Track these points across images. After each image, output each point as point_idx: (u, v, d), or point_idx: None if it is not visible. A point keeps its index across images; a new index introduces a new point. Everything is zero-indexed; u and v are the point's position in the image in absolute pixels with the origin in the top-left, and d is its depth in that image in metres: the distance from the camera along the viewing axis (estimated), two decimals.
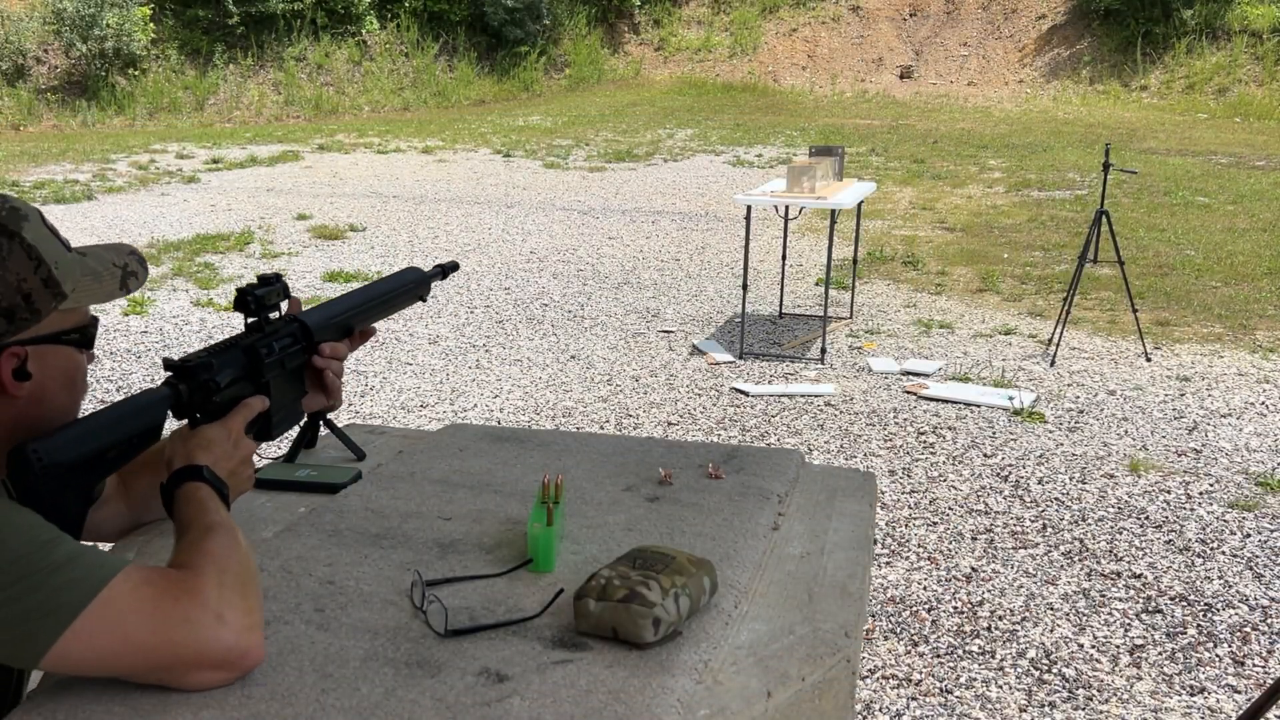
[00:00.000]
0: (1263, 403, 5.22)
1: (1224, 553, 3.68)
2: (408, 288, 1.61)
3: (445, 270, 1.68)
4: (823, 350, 5.88)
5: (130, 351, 5.97)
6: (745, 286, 6.14)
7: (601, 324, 6.62)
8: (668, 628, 1.08)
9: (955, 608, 3.31)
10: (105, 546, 1.31)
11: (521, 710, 0.97)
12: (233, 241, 8.96)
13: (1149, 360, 5.87)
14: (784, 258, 7.12)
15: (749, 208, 6.15)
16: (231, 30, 20.49)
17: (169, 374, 1.24)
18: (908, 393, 5.33)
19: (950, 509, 4.02)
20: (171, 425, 1.30)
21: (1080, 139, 15.58)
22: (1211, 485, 4.25)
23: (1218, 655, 3.05)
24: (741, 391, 5.36)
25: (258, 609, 1.05)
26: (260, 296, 1.33)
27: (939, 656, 3.03)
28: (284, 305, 1.41)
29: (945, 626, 3.19)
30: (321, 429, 1.75)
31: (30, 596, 0.96)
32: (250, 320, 1.36)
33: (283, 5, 20.48)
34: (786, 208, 6.49)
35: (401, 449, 1.73)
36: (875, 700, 2.83)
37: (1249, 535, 3.82)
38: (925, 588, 3.43)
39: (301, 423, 1.46)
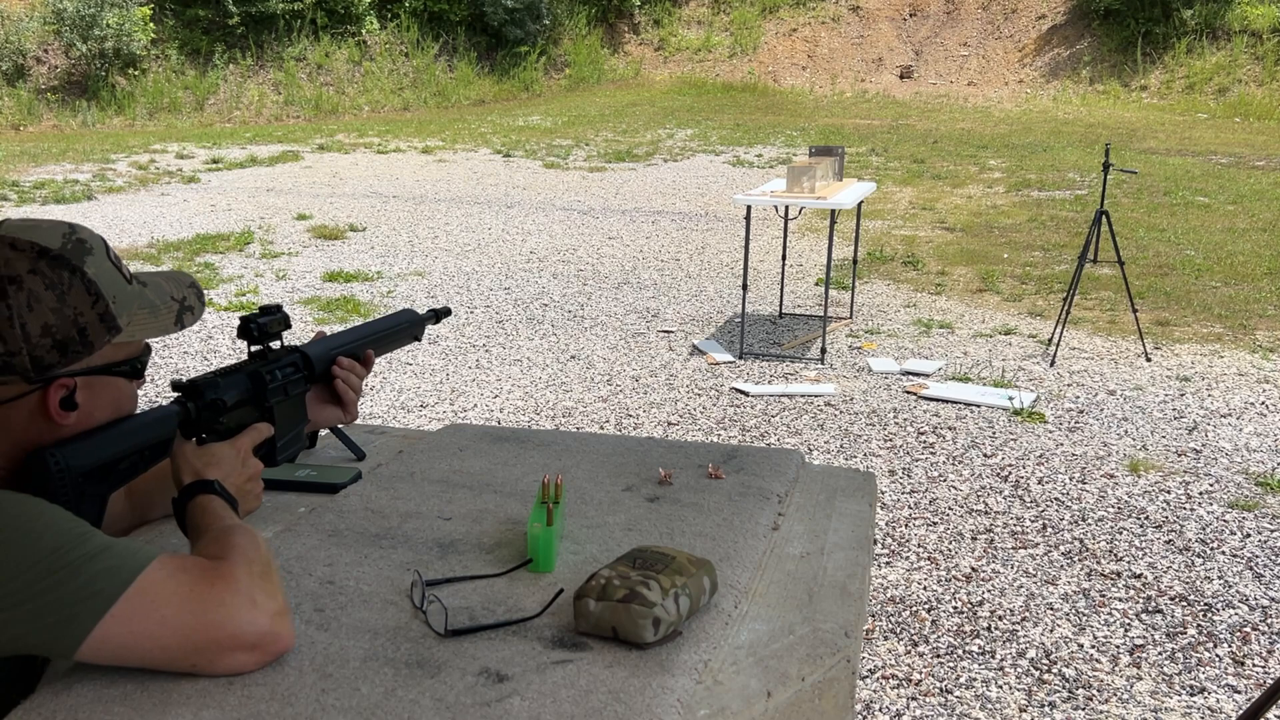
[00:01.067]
0: (1263, 403, 5.22)
1: (1224, 553, 3.68)
2: (403, 327, 1.70)
3: (438, 315, 1.79)
4: (823, 350, 5.88)
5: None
6: (745, 286, 6.14)
7: (601, 324, 6.62)
8: (668, 628, 1.08)
9: (955, 608, 3.31)
10: None
11: (521, 710, 0.97)
12: (233, 241, 8.96)
13: (1149, 360, 5.87)
14: (784, 258, 7.12)
15: (749, 208, 6.15)
16: (231, 30, 20.49)
17: (177, 394, 1.28)
18: (908, 393, 5.33)
19: (950, 509, 4.02)
20: None
21: (1080, 139, 15.58)
22: (1211, 485, 4.25)
23: (1218, 655, 3.05)
24: (741, 391, 5.36)
25: (284, 596, 1.09)
26: (263, 325, 1.38)
27: (939, 656, 3.03)
28: (285, 335, 1.47)
29: (945, 626, 3.19)
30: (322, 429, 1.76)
31: (69, 583, 0.98)
32: (254, 348, 1.42)
33: (283, 5, 20.48)
34: (786, 208, 6.49)
35: (401, 449, 1.73)
36: (875, 700, 2.83)
37: (1249, 535, 3.82)
38: (925, 588, 3.43)
39: (305, 449, 1.50)
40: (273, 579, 1.09)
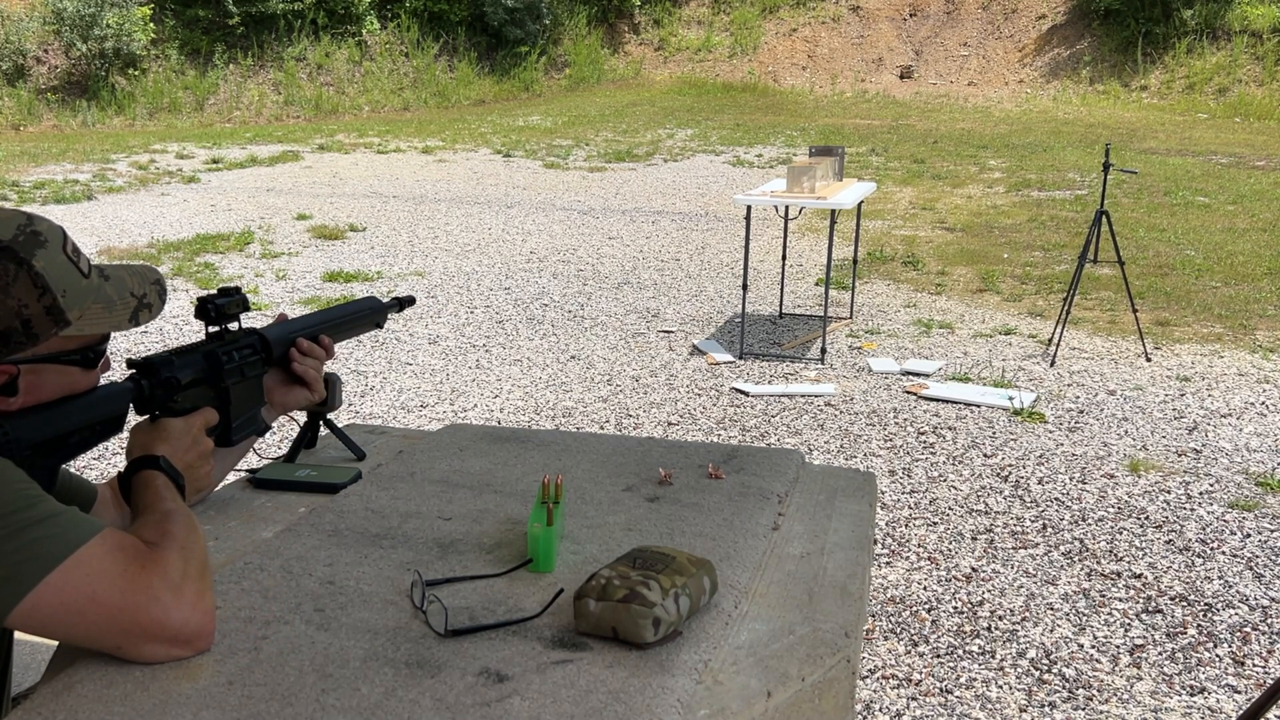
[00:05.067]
0: (1263, 403, 5.22)
1: (1224, 553, 3.68)
2: (365, 314, 1.70)
3: (402, 304, 1.78)
4: (823, 350, 5.88)
5: (130, 352, 5.97)
6: (745, 286, 6.14)
7: (601, 324, 6.62)
8: (668, 628, 1.08)
9: (955, 608, 3.31)
10: None
11: (521, 710, 0.97)
12: (233, 241, 8.96)
13: (1149, 360, 5.87)
14: (784, 258, 7.12)
15: (749, 208, 6.15)
16: (231, 30, 20.49)
17: (132, 370, 1.28)
18: (908, 393, 5.33)
19: (950, 509, 4.02)
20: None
21: (1080, 139, 15.58)
22: (1211, 485, 4.25)
23: (1218, 655, 3.05)
24: (741, 391, 5.36)
25: (212, 594, 1.09)
26: (220, 306, 1.38)
27: (939, 656, 3.03)
28: (243, 318, 1.47)
29: (945, 626, 3.19)
30: (321, 429, 1.76)
31: (10, 543, 0.99)
32: (211, 329, 1.42)
33: (283, 5, 20.48)
34: (786, 208, 6.49)
35: (401, 449, 1.73)
36: (875, 700, 2.83)
37: (1249, 535, 3.82)
38: (925, 588, 3.43)
39: (265, 433, 1.51)
40: (204, 574, 1.09)
